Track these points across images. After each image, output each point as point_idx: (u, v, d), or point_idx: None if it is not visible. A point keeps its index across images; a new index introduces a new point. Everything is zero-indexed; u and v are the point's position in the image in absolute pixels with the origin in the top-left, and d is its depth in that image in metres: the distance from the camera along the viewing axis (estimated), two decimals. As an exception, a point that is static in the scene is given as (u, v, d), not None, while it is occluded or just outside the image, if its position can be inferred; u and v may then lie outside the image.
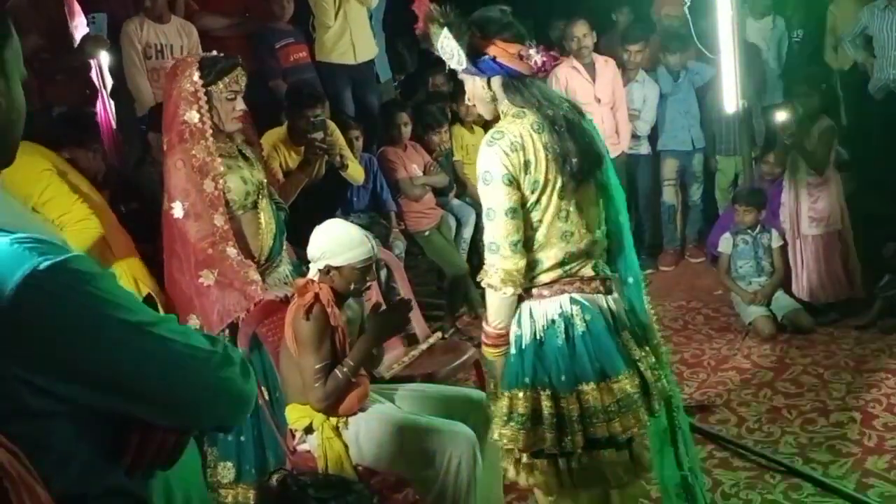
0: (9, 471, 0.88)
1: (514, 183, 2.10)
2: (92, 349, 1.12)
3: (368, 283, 2.61)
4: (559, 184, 2.14)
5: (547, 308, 2.20)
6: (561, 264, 2.21)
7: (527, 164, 2.10)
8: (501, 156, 2.09)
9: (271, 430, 2.73)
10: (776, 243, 4.59)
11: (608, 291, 2.28)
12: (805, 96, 4.54)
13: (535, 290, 2.22)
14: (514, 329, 2.23)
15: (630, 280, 2.38)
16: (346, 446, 2.53)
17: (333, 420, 2.53)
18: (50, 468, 1.13)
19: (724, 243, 4.66)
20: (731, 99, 4.74)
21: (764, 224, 4.61)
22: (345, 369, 2.49)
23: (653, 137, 5.67)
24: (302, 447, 2.63)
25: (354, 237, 2.56)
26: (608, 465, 2.21)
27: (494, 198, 2.10)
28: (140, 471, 1.22)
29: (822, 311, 4.53)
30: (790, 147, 4.56)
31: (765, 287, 4.52)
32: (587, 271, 2.26)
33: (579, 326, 2.18)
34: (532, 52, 2.14)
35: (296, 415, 2.57)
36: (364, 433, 2.53)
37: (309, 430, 2.56)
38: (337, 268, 2.53)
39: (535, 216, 2.16)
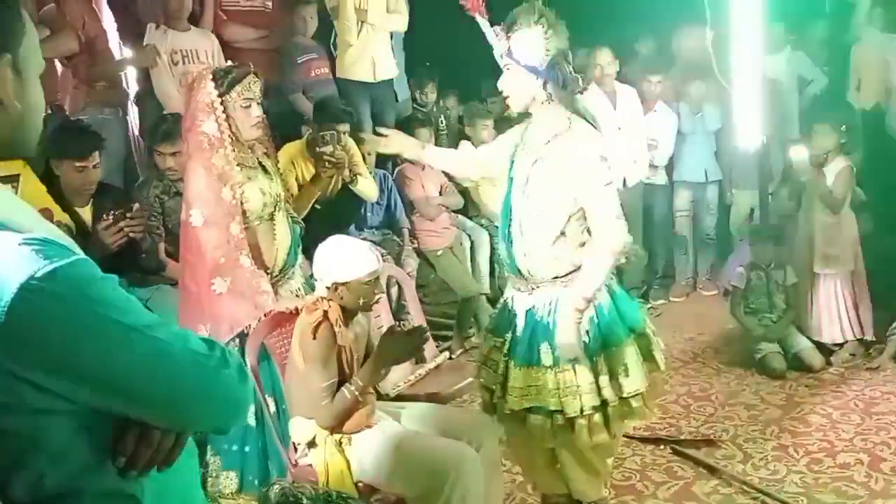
0: None
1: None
2: (87, 351, 1.13)
3: (377, 297, 2.61)
4: None
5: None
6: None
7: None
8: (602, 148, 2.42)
9: (275, 442, 2.73)
10: (790, 280, 4.56)
11: None
12: (823, 134, 4.53)
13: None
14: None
15: None
16: (348, 462, 2.52)
17: (337, 436, 2.53)
18: (45, 464, 1.15)
19: (738, 277, 4.64)
20: (751, 134, 4.74)
21: (778, 260, 4.59)
22: (353, 388, 2.48)
23: (669, 168, 5.68)
24: (304, 461, 2.62)
25: (360, 251, 2.57)
26: None
27: (610, 176, 2.41)
28: (135, 471, 1.22)
29: (833, 350, 4.50)
30: (805, 185, 4.55)
31: (777, 323, 4.50)
32: None
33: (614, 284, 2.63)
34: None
35: (300, 428, 2.57)
36: (367, 450, 2.53)
37: (312, 444, 2.56)
38: (344, 283, 2.53)
39: None
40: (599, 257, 2.41)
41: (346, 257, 2.54)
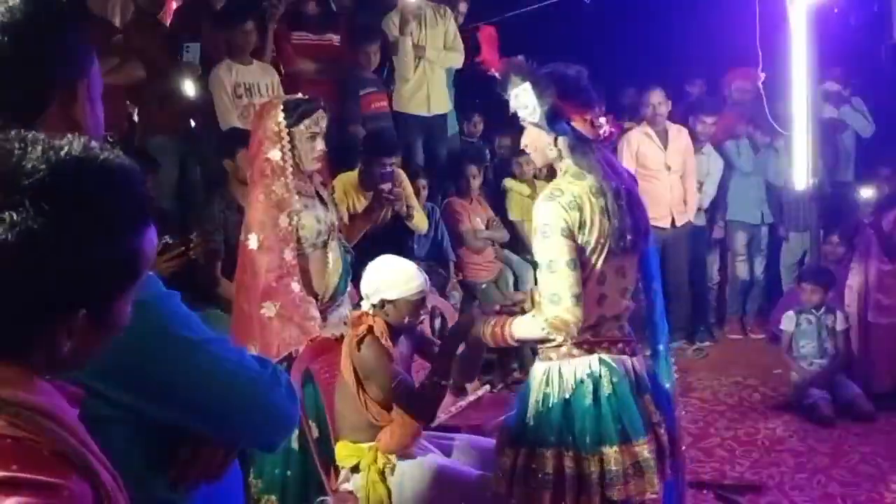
0: (110, 493, 0.92)
1: (572, 236, 2.14)
2: (150, 361, 1.18)
3: (422, 317, 2.63)
4: (606, 250, 2.18)
5: (576, 368, 2.22)
6: (591, 327, 2.22)
7: (582, 224, 2.14)
8: (560, 210, 2.13)
9: (317, 467, 2.76)
10: (841, 326, 4.48)
11: (633, 353, 2.30)
12: (883, 179, 4.46)
13: (564, 349, 2.24)
14: (542, 387, 2.24)
15: (660, 347, 2.44)
16: (389, 492, 2.54)
17: (380, 463, 2.55)
18: None
19: (787, 321, 4.57)
20: (804, 176, 4.71)
21: (829, 305, 4.52)
22: (434, 378, 2.45)
23: (712, 211, 5.66)
24: (345, 486, 2.64)
25: (408, 271, 2.62)
26: None
27: (556, 250, 2.13)
28: (187, 484, 1.27)
29: (884, 399, 4.38)
30: (867, 228, 4.48)
31: (826, 369, 4.41)
32: (614, 333, 2.28)
33: (606, 388, 2.19)
34: (602, 120, 2.22)
35: (345, 452, 2.60)
36: (409, 481, 2.53)
37: (355, 469, 2.58)
38: (391, 301, 2.57)
39: (587, 272, 2.19)
40: (536, 318, 2.19)
41: (395, 276, 2.59)
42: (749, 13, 4.64)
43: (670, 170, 5.23)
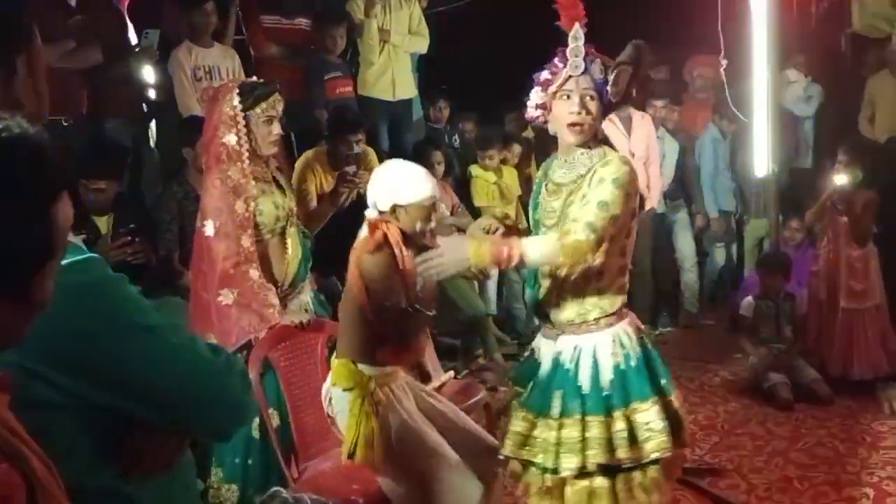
0: (41, 481, 0.89)
1: (632, 199, 2.27)
2: (99, 346, 1.15)
3: (432, 224, 2.53)
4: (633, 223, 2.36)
5: (633, 327, 2.38)
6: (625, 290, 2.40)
7: (635, 193, 2.31)
8: (634, 176, 2.31)
9: (277, 455, 2.73)
10: (799, 310, 4.54)
11: None
12: (847, 165, 4.48)
13: (623, 312, 2.37)
14: (618, 351, 2.31)
15: None
16: (381, 428, 2.45)
17: (380, 395, 2.47)
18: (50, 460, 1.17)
19: (746, 307, 4.62)
20: (762, 162, 4.76)
21: (788, 290, 4.57)
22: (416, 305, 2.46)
23: (688, 202, 5.73)
24: (329, 409, 2.59)
25: (420, 174, 2.53)
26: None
27: (615, 199, 2.21)
28: (137, 473, 1.23)
29: (840, 383, 4.45)
30: (838, 214, 4.50)
31: (785, 353, 4.47)
32: None
33: (649, 344, 2.42)
34: None
35: (343, 372, 2.50)
36: (395, 431, 2.46)
37: (349, 389, 2.49)
38: (403, 206, 2.47)
39: (628, 244, 2.34)
40: (551, 241, 2.21)
41: (409, 179, 2.50)
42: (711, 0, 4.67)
43: (634, 156, 5.23)
